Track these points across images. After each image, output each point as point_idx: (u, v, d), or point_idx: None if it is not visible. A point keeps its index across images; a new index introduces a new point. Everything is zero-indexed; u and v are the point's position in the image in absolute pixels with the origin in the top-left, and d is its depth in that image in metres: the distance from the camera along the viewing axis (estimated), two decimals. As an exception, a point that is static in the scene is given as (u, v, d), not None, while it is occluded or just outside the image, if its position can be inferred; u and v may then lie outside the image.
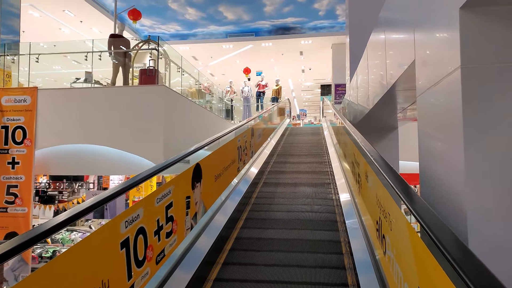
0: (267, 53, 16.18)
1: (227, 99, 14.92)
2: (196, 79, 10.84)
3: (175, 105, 8.04)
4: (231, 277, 2.84)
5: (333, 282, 2.73)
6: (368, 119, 5.71)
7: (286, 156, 7.47)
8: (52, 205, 15.57)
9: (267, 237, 3.56)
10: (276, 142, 8.67)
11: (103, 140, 7.57)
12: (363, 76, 5.58)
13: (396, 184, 1.96)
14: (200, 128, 9.43)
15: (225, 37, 15.16)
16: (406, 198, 1.77)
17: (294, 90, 24.28)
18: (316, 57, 16.59)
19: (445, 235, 1.27)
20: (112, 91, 8.06)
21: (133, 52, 9.42)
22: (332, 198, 4.69)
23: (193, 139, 8.60)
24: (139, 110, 7.49)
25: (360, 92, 6.05)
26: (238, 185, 4.67)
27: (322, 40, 14.62)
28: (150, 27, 14.64)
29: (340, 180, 5.11)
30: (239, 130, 4.77)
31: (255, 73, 17.46)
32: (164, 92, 7.52)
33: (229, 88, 15.11)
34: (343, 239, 3.42)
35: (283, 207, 4.39)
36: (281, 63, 17.90)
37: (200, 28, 14.73)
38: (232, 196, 4.20)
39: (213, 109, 13.94)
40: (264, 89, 15.21)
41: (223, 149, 3.80)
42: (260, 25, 14.42)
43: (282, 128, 11.27)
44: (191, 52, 16.22)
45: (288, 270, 2.91)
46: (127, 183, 2.08)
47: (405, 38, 2.76)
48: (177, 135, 7.99)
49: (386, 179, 2.04)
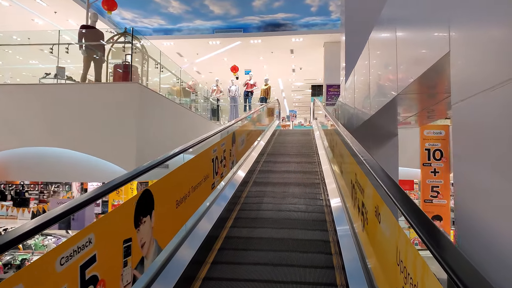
0: (256, 50, 15.41)
1: (212, 99, 14.10)
2: (177, 77, 10.00)
3: (151, 105, 7.22)
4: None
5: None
6: (366, 125, 5.00)
7: (274, 164, 6.76)
8: (26, 208, 14.62)
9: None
10: (263, 147, 7.91)
11: (70, 143, 6.74)
12: (362, 77, 4.86)
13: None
14: (180, 130, 8.62)
15: (212, 32, 14.33)
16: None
17: (284, 90, 23.56)
18: (307, 56, 15.89)
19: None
20: (81, 89, 7.20)
21: (109, 45, 8.57)
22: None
23: (172, 143, 7.79)
24: (109, 110, 6.68)
25: (357, 94, 5.34)
26: (212, 206, 3.88)
27: (314, 38, 13.91)
28: (132, 21, 13.72)
29: (336, 203, 4.35)
30: (215, 138, 3.98)
31: (244, 72, 16.68)
32: (138, 90, 6.71)
33: (215, 87, 14.30)
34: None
35: (264, 256, 3.23)
36: (270, 62, 17.14)
37: (185, 22, 13.88)
38: (200, 225, 3.40)
39: (198, 109, 13.12)
40: (253, 88, 14.45)
41: (191, 164, 3.01)
42: (248, 21, 13.64)
43: (270, 131, 10.52)
44: (176, 48, 15.34)
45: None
46: (90, 194, 1.83)
47: (432, 35, 2.04)
48: (152, 138, 7.18)
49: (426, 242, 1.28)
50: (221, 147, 4.06)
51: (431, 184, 12.90)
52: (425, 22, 2.22)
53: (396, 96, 2.88)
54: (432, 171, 12.94)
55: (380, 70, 3.59)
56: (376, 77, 3.81)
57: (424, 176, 12.80)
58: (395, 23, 2.92)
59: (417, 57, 2.37)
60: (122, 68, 8.20)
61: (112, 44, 8.60)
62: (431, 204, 12.80)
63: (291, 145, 8.31)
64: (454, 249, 1.21)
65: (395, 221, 1.71)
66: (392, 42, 2.99)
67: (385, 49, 3.38)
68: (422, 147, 12.81)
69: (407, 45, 2.63)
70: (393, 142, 6.16)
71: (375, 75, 3.88)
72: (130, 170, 2.21)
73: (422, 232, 1.32)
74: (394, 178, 6.19)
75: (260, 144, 8.15)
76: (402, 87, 2.63)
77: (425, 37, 2.21)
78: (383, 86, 3.40)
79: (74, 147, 6.67)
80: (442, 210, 12.90)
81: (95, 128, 6.59)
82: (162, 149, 5.08)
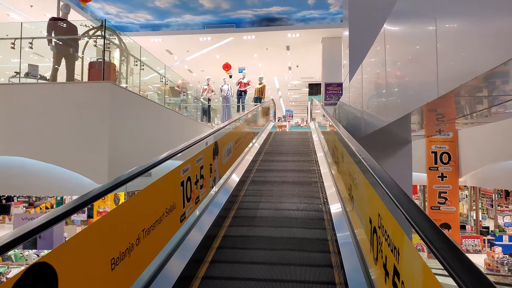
0: (250, 47, 14.51)
1: (203, 99, 13.21)
2: (162, 75, 9.10)
3: (128, 107, 6.33)
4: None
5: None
6: (377, 132, 4.14)
7: (269, 173, 5.87)
8: (6, 215, 13.73)
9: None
10: (254, 154, 7.02)
11: (34, 152, 5.87)
12: (373, 77, 4.00)
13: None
14: (165, 135, 7.72)
15: (202, 28, 13.41)
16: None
17: (280, 89, 22.69)
18: (304, 53, 15.01)
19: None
20: (47, 89, 6.31)
21: (84, 40, 7.67)
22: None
23: (155, 149, 6.91)
24: (78, 114, 5.80)
25: (366, 96, 4.48)
26: (175, 253, 2.89)
27: (311, 33, 13.03)
28: (117, 16, 12.78)
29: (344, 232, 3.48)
30: (187, 153, 3.10)
31: (238, 70, 15.78)
32: (110, 90, 5.82)
33: (206, 86, 13.41)
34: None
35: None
36: (265, 59, 16.25)
37: (173, 17, 12.95)
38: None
39: (189, 110, 12.23)
40: (246, 87, 13.57)
41: (143, 197, 2.13)
42: (241, 15, 12.74)
43: (265, 133, 9.65)
44: (165, 45, 14.42)
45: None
46: (56, 213, 1.51)
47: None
48: (129, 145, 6.29)
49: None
50: (196, 164, 3.18)
51: (439, 190, 12.12)
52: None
53: (432, 101, 2.02)
54: (440, 175, 12.17)
55: (404, 69, 2.73)
56: (396, 77, 2.95)
57: (431, 181, 12.01)
58: (435, 12, 2.05)
59: (480, 49, 1.50)
60: (97, 66, 7.31)
61: (88, 38, 7.69)
62: (438, 211, 12.01)
63: (286, 152, 7.43)
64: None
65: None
66: (428, 35, 2.13)
67: (414, 44, 2.52)
68: (428, 150, 12.02)
69: (456, 41, 1.77)
70: (406, 150, 5.30)
71: (394, 74, 3.02)
72: (100, 182, 2.45)
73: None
74: (408, 193, 5.34)
75: (253, 148, 7.28)
76: (450, 87, 1.77)
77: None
78: (410, 87, 2.54)
79: (38, 156, 5.80)
80: (450, 217, 12.12)
81: (62, 134, 5.71)
82: (141, 158, 4.22)
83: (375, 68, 3.85)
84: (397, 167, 5.23)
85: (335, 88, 12.75)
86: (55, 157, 5.64)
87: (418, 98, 2.30)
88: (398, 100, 2.87)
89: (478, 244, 15.26)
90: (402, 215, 1.48)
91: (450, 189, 12.04)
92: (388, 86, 3.22)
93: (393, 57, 3.15)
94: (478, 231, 16.07)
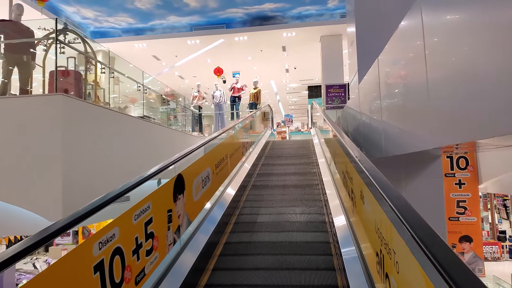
0: (243, 49, 13.38)
1: (194, 107, 12.06)
2: (139, 83, 7.95)
3: (91, 123, 5.19)
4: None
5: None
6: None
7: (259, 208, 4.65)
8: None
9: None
10: (244, 176, 5.80)
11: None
12: (401, 76, 2.83)
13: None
14: (142, 153, 6.54)
15: (190, 30, 12.29)
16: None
17: (278, 93, 21.53)
18: (301, 53, 13.86)
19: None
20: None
21: (43, 46, 6.55)
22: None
23: (129, 170, 5.76)
24: (23, 135, 4.66)
25: (389, 103, 3.29)
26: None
27: (308, 31, 11.89)
28: (95, 20, 11.68)
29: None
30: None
31: (232, 75, 14.64)
32: (63, 104, 4.68)
33: (196, 93, 12.27)
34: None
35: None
36: (260, 62, 15.10)
37: (157, 19, 11.84)
38: None
39: (177, 121, 11.08)
40: (240, 93, 12.42)
41: None
42: (231, 15, 11.61)
43: (259, 147, 8.46)
44: (151, 51, 13.30)
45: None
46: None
47: None
48: (94, 170, 5.11)
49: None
50: (133, 221, 2.02)
51: (456, 198, 10.82)
52: None
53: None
54: (457, 182, 10.87)
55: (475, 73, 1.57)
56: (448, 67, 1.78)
57: (448, 188, 10.62)
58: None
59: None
60: (60, 75, 6.20)
61: (49, 45, 6.56)
62: (457, 222, 10.66)
63: (285, 173, 6.15)
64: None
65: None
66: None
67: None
68: (444, 154, 10.79)
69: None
70: (435, 167, 4.10)
71: (445, 64, 1.86)
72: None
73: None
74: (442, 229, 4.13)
75: (243, 169, 6.08)
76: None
77: None
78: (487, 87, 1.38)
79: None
80: (471, 229, 10.76)
81: (3, 161, 4.56)
82: (112, 182, 3.12)
83: (404, 61, 2.68)
84: (426, 192, 4.04)
85: (337, 90, 11.57)
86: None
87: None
88: (459, 110, 1.71)
89: (496, 251, 14.00)
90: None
91: (470, 197, 10.77)
92: (429, 95, 2.04)
93: (439, 49, 1.98)
94: (495, 237, 14.85)
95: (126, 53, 13.00)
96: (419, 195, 4.07)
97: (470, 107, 1.64)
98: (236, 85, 12.31)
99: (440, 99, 1.95)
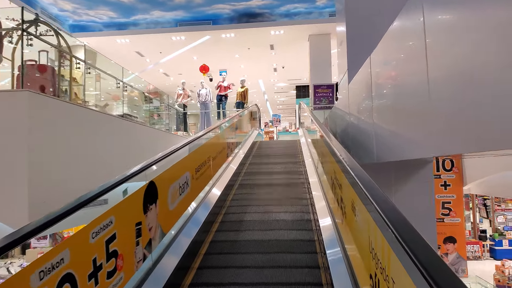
0: (230, 47, 13.05)
1: (178, 105, 11.69)
2: (118, 80, 7.57)
3: (61, 123, 4.82)
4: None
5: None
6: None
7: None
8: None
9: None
10: (230, 177, 5.52)
11: None
12: (395, 79, 2.60)
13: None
14: (120, 154, 6.18)
15: (175, 26, 11.90)
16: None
17: (266, 92, 21.28)
18: (289, 52, 13.62)
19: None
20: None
21: (12, 38, 6.11)
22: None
23: (108, 172, 5.41)
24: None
25: (382, 105, 3.05)
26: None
27: (297, 29, 11.65)
28: (74, 13, 11.17)
29: None
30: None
31: (218, 73, 14.30)
32: (29, 102, 4.31)
33: (181, 91, 11.90)
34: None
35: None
36: (248, 60, 14.80)
37: (140, 14, 11.41)
38: None
39: (160, 119, 10.71)
40: (227, 91, 12.11)
41: None
42: (218, 10, 11.28)
43: (246, 147, 8.19)
44: (134, 47, 12.86)
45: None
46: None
47: None
48: (63, 175, 4.75)
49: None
50: (90, 242, 1.72)
51: (442, 200, 10.79)
52: None
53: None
54: (442, 184, 10.85)
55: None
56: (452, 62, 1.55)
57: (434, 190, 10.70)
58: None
59: None
60: (35, 70, 5.80)
61: (20, 36, 6.13)
62: (442, 223, 10.60)
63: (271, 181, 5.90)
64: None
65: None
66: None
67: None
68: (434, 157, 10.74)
69: None
70: (425, 173, 3.91)
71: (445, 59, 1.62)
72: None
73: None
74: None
75: (229, 170, 5.80)
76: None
77: None
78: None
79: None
80: (456, 230, 10.73)
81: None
82: (86, 185, 2.83)
83: (402, 59, 2.44)
84: (416, 197, 3.85)
85: (325, 90, 11.38)
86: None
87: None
88: (470, 112, 1.47)
89: (477, 250, 14.07)
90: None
91: (454, 198, 10.77)
92: (434, 88, 1.79)
93: (447, 47, 1.74)
94: (477, 236, 14.96)
95: (108, 48, 12.54)
96: (409, 200, 3.88)
97: (489, 110, 1.40)
98: (222, 83, 12.01)
99: (445, 100, 1.71)
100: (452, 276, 0.94)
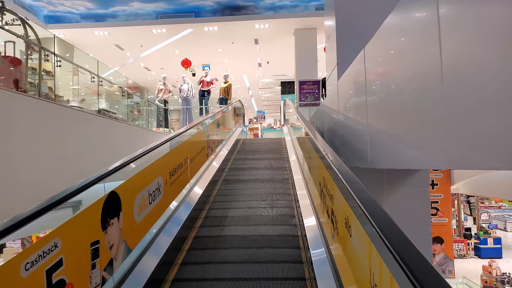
0: (213, 41, 12.63)
1: (159, 101, 11.23)
2: (93, 74, 7.10)
3: (25, 120, 4.39)
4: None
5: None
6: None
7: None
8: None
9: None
10: (208, 182, 5.16)
11: None
12: (396, 74, 2.30)
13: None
14: (93, 153, 5.75)
15: (156, 18, 11.40)
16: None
17: (250, 88, 20.91)
18: (275, 47, 13.30)
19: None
20: None
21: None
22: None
23: (84, 171, 4.97)
24: None
25: (380, 103, 2.74)
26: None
27: (282, 23, 11.33)
28: (49, 3, 10.54)
29: None
30: None
31: (201, 67, 13.85)
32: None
33: (161, 86, 11.43)
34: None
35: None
36: (232, 55, 14.41)
37: (119, 5, 10.86)
38: None
39: (140, 116, 10.23)
40: (210, 87, 11.71)
41: None
42: (200, 3, 10.83)
43: (229, 145, 7.83)
44: (113, 40, 12.29)
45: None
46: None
47: None
48: (30, 174, 4.33)
49: None
50: (21, 276, 1.36)
51: (430, 199, 10.73)
52: None
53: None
54: (430, 183, 10.79)
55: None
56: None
57: (421, 190, 10.60)
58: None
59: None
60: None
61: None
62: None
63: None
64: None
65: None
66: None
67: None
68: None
69: None
70: (420, 176, 3.65)
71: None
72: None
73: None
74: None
75: (207, 173, 5.44)
76: None
77: None
78: None
79: None
80: (443, 230, 10.64)
81: None
82: (57, 186, 2.47)
83: (406, 49, 2.13)
84: (411, 203, 3.59)
85: (310, 87, 11.11)
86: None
87: None
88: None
89: (462, 249, 14.15)
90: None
91: (442, 198, 10.68)
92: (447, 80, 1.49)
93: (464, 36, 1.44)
94: (462, 234, 15.06)
95: (86, 41, 11.96)
96: (403, 205, 3.63)
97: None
98: (205, 78, 11.59)
99: (462, 100, 1.42)
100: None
